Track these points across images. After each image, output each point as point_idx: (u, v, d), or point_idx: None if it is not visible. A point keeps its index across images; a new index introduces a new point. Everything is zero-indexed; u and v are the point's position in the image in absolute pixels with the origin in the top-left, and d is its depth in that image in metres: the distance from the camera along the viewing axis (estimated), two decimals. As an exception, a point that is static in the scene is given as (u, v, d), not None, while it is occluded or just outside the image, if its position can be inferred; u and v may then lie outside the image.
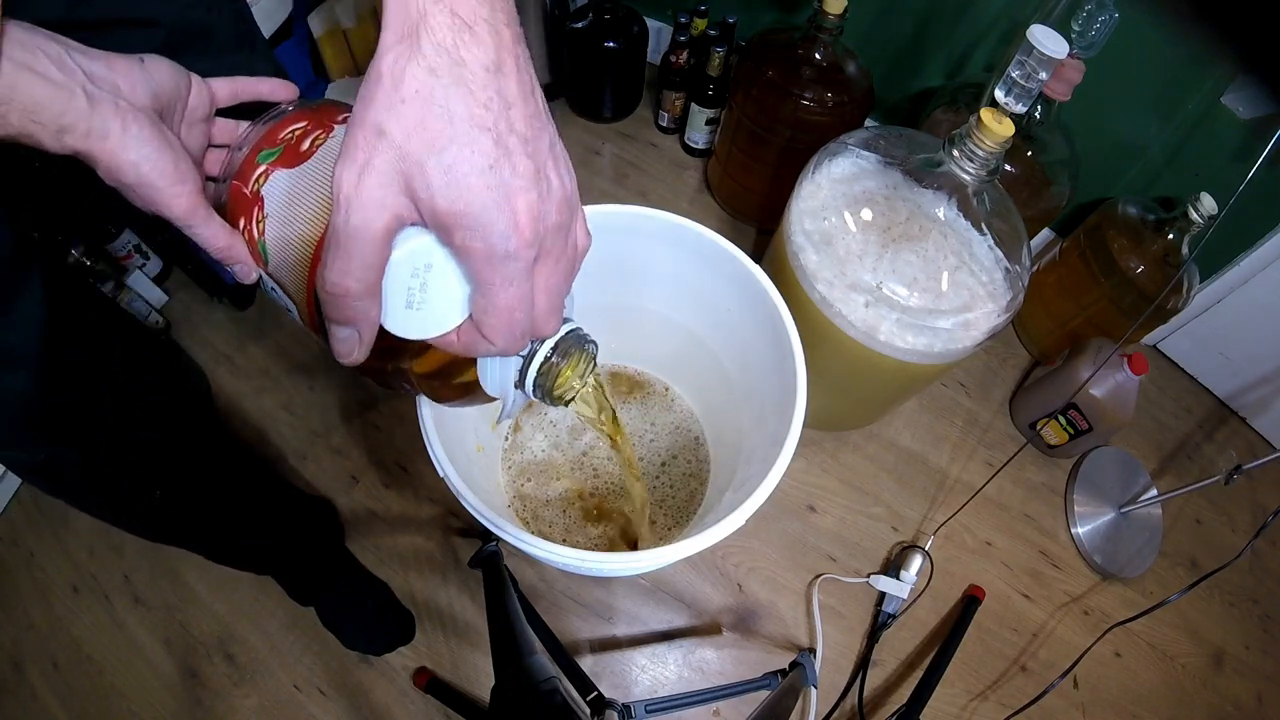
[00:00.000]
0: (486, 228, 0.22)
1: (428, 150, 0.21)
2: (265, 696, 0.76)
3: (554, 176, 0.25)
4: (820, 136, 0.78)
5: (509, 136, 0.22)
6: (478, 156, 0.22)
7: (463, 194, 0.22)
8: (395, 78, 0.21)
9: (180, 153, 0.29)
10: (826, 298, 0.69)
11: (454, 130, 0.21)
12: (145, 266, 0.97)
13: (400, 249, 0.24)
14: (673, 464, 0.79)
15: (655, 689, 0.78)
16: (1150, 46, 0.81)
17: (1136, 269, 0.87)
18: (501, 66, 0.22)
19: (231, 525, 0.65)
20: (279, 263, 0.31)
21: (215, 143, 0.35)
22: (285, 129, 0.32)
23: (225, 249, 0.31)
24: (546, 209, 0.24)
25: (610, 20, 1.07)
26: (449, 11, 0.21)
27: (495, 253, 0.23)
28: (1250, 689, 0.87)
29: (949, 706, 0.81)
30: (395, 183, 0.22)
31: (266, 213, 0.31)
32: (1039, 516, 0.94)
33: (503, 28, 0.22)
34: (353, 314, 0.24)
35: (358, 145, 0.22)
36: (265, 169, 0.31)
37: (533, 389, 0.33)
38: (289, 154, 0.31)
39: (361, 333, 0.25)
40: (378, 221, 0.22)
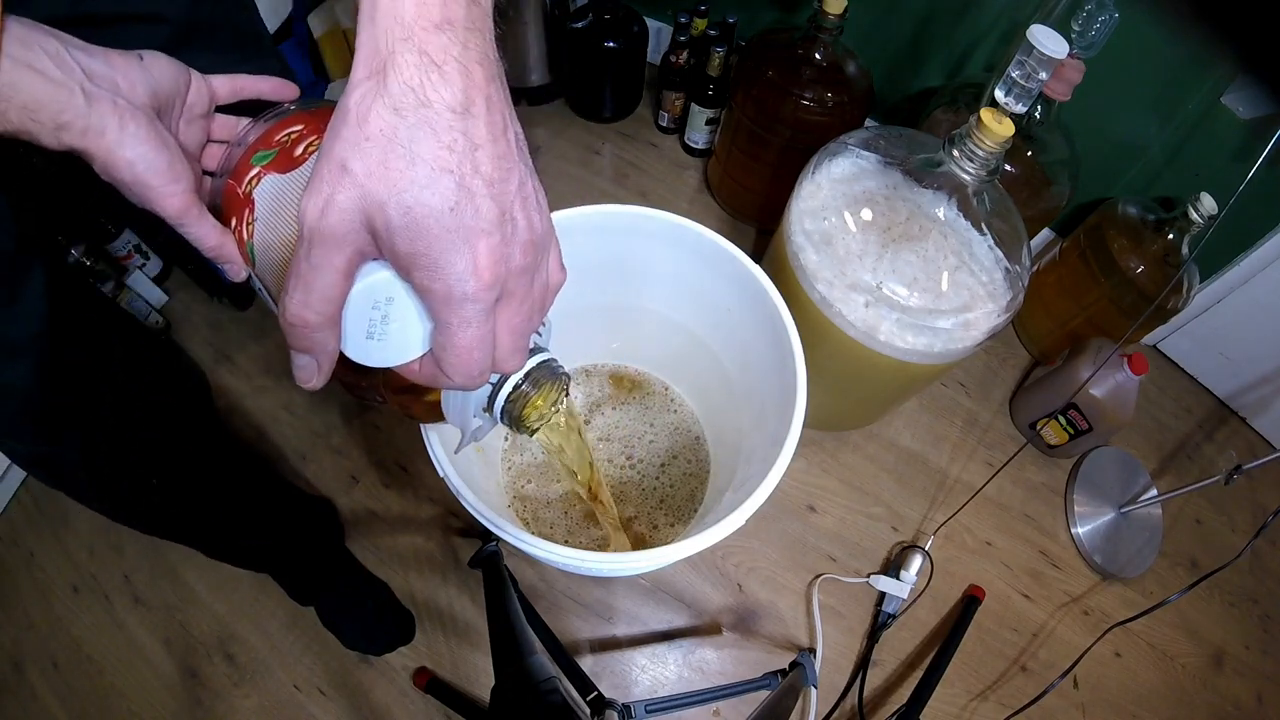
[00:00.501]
0: (445, 270, 0.22)
1: (389, 190, 0.21)
2: (265, 696, 0.76)
3: (521, 218, 0.24)
4: (820, 136, 0.78)
5: (473, 179, 0.22)
6: (438, 199, 0.21)
7: (422, 235, 0.22)
8: (361, 115, 0.21)
9: (176, 152, 0.29)
10: (826, 298, 0.69)
11: (415, 172, 0.21)
12: (145, 266, 0.97)
13: (362, 282, 0.24)
14: (673, 464, 0.79)
15: (655, 689, 0.78)
16: (1150, 46, 0.81)
17: (1136, 269, 0.87)
18: (470, 108, 0.22)
19: (231, 524, 0.65)
20: (264, 266, 0.31)
21: (214, 138, 0.35)
22: (282, 131, 0.32)
23: (216, 248, 0.31)
24: (510, 252, 0.24)
25: (610, 20, 1.07)
26: (418, 50, 0.21)
27: (453, 295, 0.23)
28: (1250, 689, 0.87)
29: (949, 706, 0.81)
30: (357, 219, 0.22)
31: (256, 216, 0.31)
32: (1039, 516, 0.94)
33: (474, 66, 0.22)
34: (310, 344, 0.25)
35: (323, 179, 0.22)
36: (259, 171, 0.31)
37: (500, 414, 0.34)
38: (282, 158, 0.31)
39: (320, 361, 0.25)
40: (339, 256, 0.22)
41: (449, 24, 0.21)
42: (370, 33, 0.21)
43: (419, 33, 0.21)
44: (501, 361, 0.27)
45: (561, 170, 1.18)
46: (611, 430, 0.80)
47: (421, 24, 0.21)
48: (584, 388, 0.83)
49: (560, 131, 1.22)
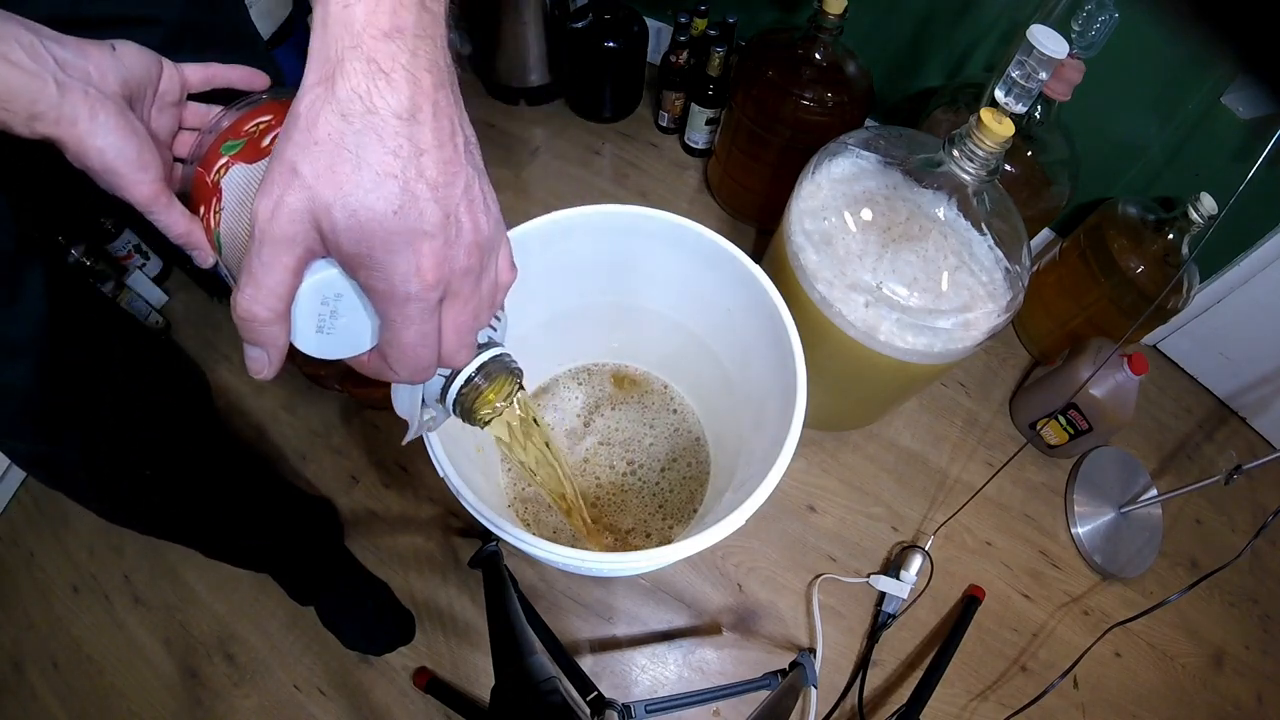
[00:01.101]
0: (389, 270, 0.23)
1: (335, 193, 0.22)
2: (265, 696, 0.76)
3: (466, 220, 0.25)
4: (820, 136, 0.78)
5: (417, 184, 0.23)
6: (383, 203, 0.22)
7: (366, 237, 0.23)
8: (310, 120, 0.22)
9: (145, 141, 0.29)
10: (826, 298, 0.69)
11: (361, 176, 0.22)
12: (145, 266, 0.97)
13: (311, 279, 0.25)
14: (673, 464, 0.79)
15: (655, 689, 0.78)
16: (1150, 46, 0.81)
17: (1136, 269, 0.87)
18: (416, 114, 0.22)
19: (231, 524, 0.65)
20: (229, 255, 0.32)
21: (186, 126, 0.36)
22: (251, 121, 0.33)
23: (183, 235, 0.32)
24: (454, 253, 0.25)
25: (610, 20, 1.07)
26: (366, 58, 0.22)
27: (397, 294, 0.24)
28: (1250, 689, 0.87)
29: (949, 706, 0.81)
30: (306, 219, 0.23)
31: (223, 205, 0.31)
32: (1039, 516, 0.94)
33: (422, 73, 0.23)
34: (261, 338, 0.25)
35: (274, 180, 0.23)
36: (227, 161, 0.32)
37: (453, 406, 0.35)
38: (249, 149, 0.32)
39: (270, 354, 0.26)
40: (288, 255, 0.23)
41: (398, 32, 0.22)
42: (322, 39, 0.22)
43: (368, 40, 0.21)
44: (448, 357, 0.28)
45: (561, 170, 1.18)
46: (611, 434, 0.80)
47: (370, 32, 0.22)
48: (585, 388, 0.83)
49: (560, 131, 1.22)
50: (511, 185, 1.15)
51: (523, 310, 0.70)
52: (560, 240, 0.63)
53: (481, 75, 1.25)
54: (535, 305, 0.70)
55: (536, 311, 0.71)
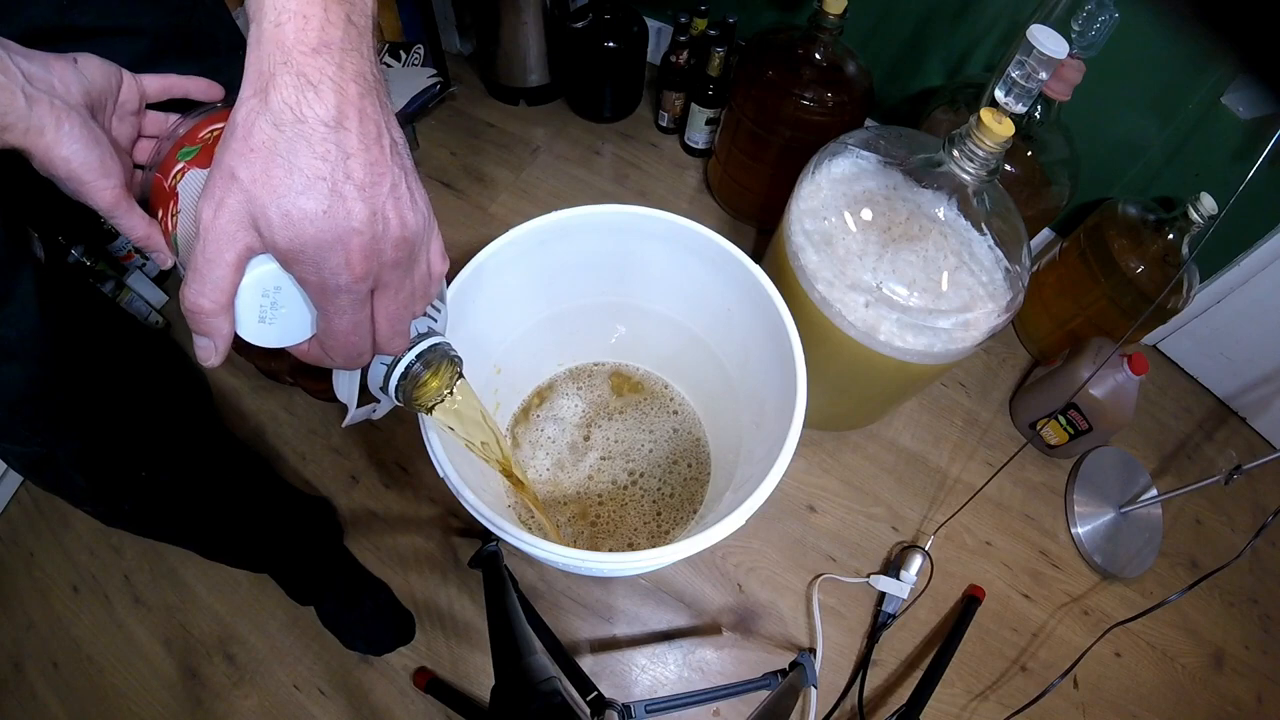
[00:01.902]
0: (319, 264, 0.25)
1: (270, 196, 0.24)
2: (265, 696, 0.76)
3: (393, 217, 0.27)
4: (820, 136, 0.78)
5: (344, 184, 0.25)
6: (313, 203, 0.24)
7: (299, 235, 0.25)
8: (246, 129, 0.24)
9: (108, 149, 0.31)
10: (826, 298, 0.69)
11: (293, 180, 0.24)
12: (145, 266, 0.97)
13: (252, 273, 0.27)
14: (673, 466, 0.79)
15: (655, 689, 0.78)
16: (1150, 46, 0.81)
17: (1136, 269, 0.87)
18: (343, 121, 0.25)
19: (229, 525, 0.65)
20: (184, 256, 0.33)
21: (145, 134, 0.37)
22: (206, 128, 0.34)
23: (143, 238, 0.34)
24: (381, 248, 0.27)
25: (610, 20, 1.07)
26: (295, 73, 0.24)
27: (328, 286, 0.26)
28: (1250, 689, 0.87)
29: (949, 706, 0.81)
30: (245, 220, 0.25)
31: (180, 208, 0.33)
32: (1039, 516, 0.94)
33: (349, 84, 0.25)
34: (207, 328, 0.27)
35: (215, 185, 0.25)
36: (183, 166, 0.34)
37: (395, 393, 0.36)
38: (204, 154, 0.33)
39: (216, 344, 0.28)
40: (229, 252, 0.25)
41: (325, 47, 0.24)
42: (256, 55, 0.24)
43: (297, 56, 0.24)
44: (384, 344, 0.31)
45: (561, 170, 1.18)
46: (611, 447, 0.79)
47: (300, 48, 0.24)
48: (583, 394, 0.83)
49: (560, 131, 1.22)
50: (511, 185, 1.15)
51: (523, 310, 0.70)
52: (560, 240, 0.63)
53: (481, 75, 1.25)
54: (535, 305, 0.70)
55: (536, 311, 0.71)
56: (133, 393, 0.51)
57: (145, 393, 0.53)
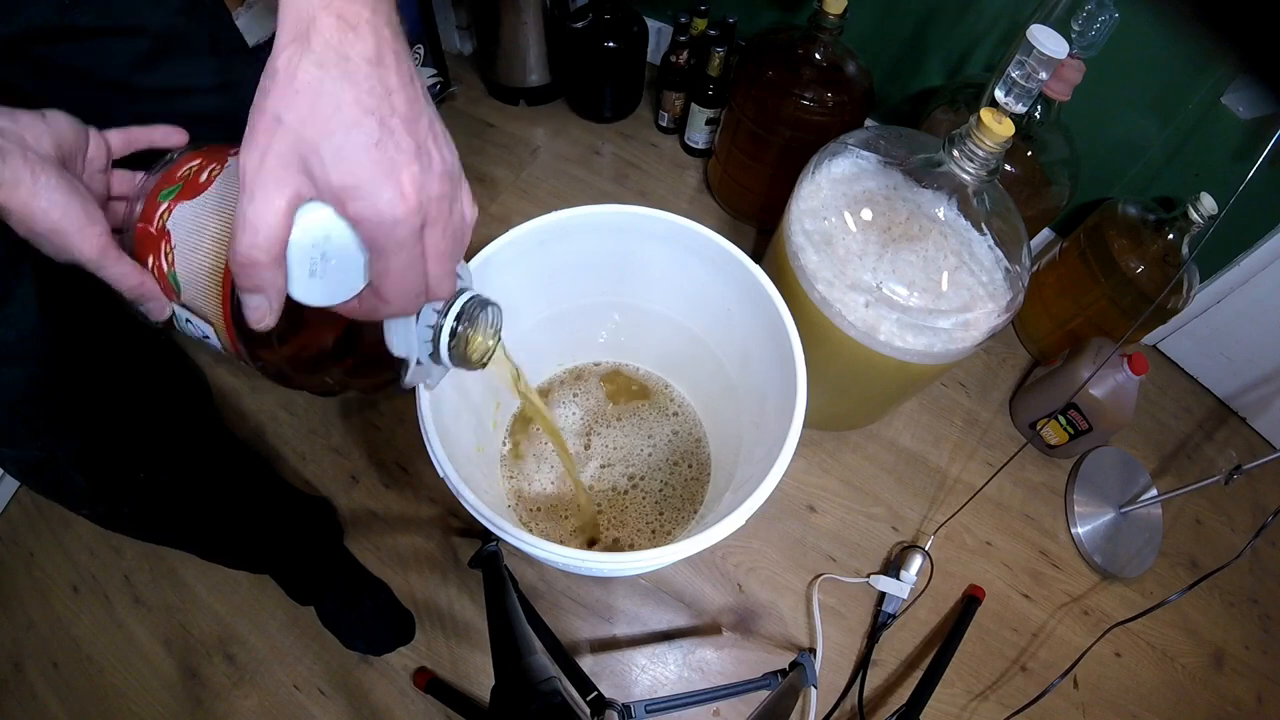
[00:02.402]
0: (375, 197, 0.25)
1: (321, 133, 0.24)
2: (265, 696, 0.76)
3: (434, 152, 0.27)
4: (820, 136, 0.78)
5: (391, 118, 0.25)
6: (364, 136, 0.25)
7: (353, 169, 0.25)
8: (289, 73, 0.24)
9: (88, 198, 0.30)
10: (826, 298, 0.69)
11: (342, 115, 0.24)
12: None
13: (301, 221, 0.26)
14: (674, 468, 0.79)
15: (655, 689, 0.78)
16: (1150, 46, 0.81)
17: (1136, 269, 0.87)
18: (382, 60, 0.25)
19: (229, 526, 0.65)
20: (192, 290, 0.33)
21: (115, 194, 0.36)
22: (181, 168, 0.34)
23: (137, 287, 0.32)
24: (428, 180, 0.27)
25: (610, 20, 1.07)
26: (335, 15, 0.24)
27: (384, 219, 0.26)
28: (1250, 689, 0.87)
29: (949, 706, 0.81)
30: (293, 163, 0.25)
31: (174, 244, 0.33)
32: (1039, 516, 0.94)
33: (383, 27, 0.25)
34: (261, 282, 0.26)
35: (259, 132, 0.24)
36: (168, 205, 0.33)
37: (449, 357, 0.36)
38: (189, 188, 0.33)
39: (270, 299, 0.27)
40: (279, 198, 0.25)
41: None
42: (293, 4, 0.25)
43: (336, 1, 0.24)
44: (434, 285, 0.30)
45: (561, 170, 1.18)
46: (611, 454, 0.79)
47: None
48: (583, 394, 0.83)
49: (560, 131, 1.22)
50: (511, 185, 1.15)
51: (523, 310, 0.70)
52: (560, 240, 0.63)
53: (481, 75, 1.25)
54: (535, 305, 0.70)
55: (536, 311, 0.71)
56: (132, 392, 0.51)
57: (145, 392, 0.53)
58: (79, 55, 0.41)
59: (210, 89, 0.48)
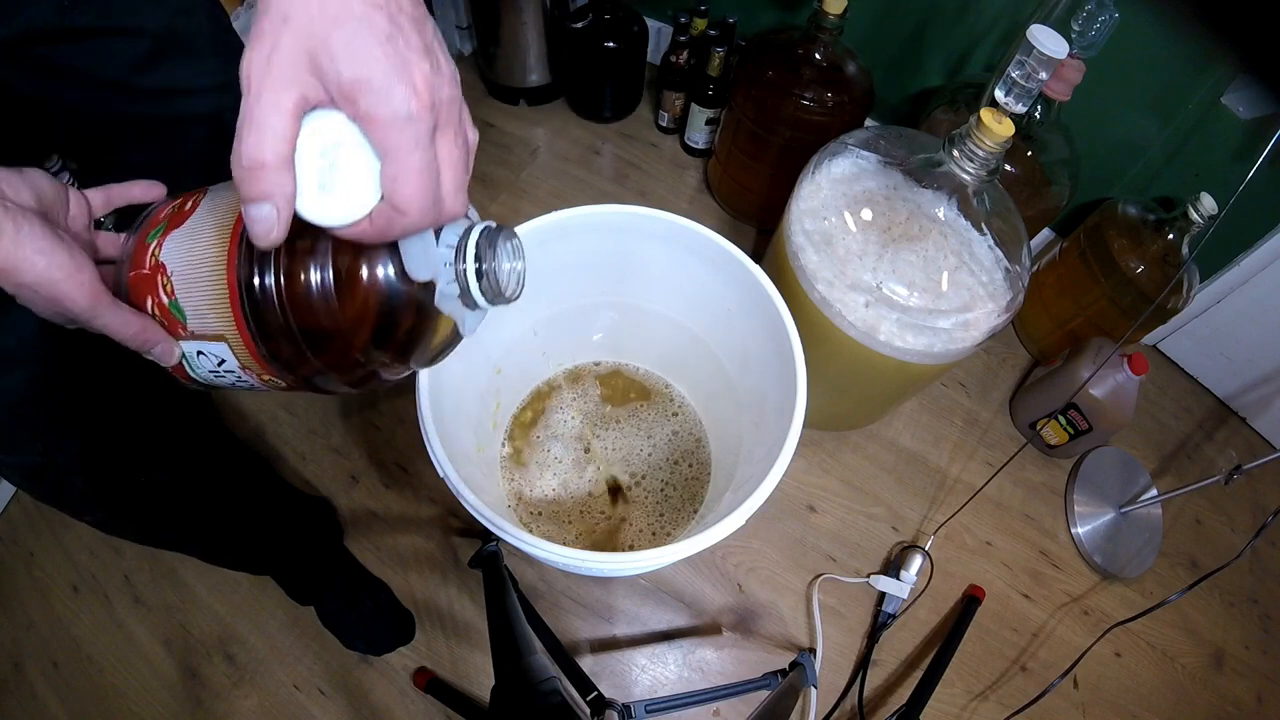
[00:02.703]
0: (388, 91, 0.25)
1: (330, 27, 0.24)
2: (265, 696, 0.76)
3: (441, 57, 0.27)
4: (820, 136, 0.78)
5: (400, 16, 0.25)
6: (375, 30, 0.24)
7: (365, 62, 0.24)
8: None
9: (74, 246, 0.29)
10: (826, 298, 0.69)
11: (351, 9, 0.24)
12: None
13: (309, 127, 0.26)
14: (674, 467, 0.79)
15: (655, 689, 0.78)
16: (1150, 46, 0.81)
17: (1136, 269, 0.87)
18: None
19: (230, 526, 0.65)
20: (197, 313, 0.31)
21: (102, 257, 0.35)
22: (164, 210, 0.33)
23: (139, 332, 0.31)
24: (439, 81, 0.27)
25: (610, 20, 1.07)
26: None
27: (398, 115, 0.25)
28: (1250, 689, 0.87)
29: (949, 706, 0.81)
30: (302, 62, 0.24)
31: (171, 272, 0.31)
32: (1039, 516, 0.94)
33: None
34: (269, 187, 0.25)
35: (264, 32, 0.24)
36: (157, 242, 0.32)
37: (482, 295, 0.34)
38: (175, 220, 0.32)
39: (279, 207, 0.26)
40: (287, 98, 0.24)
41: None
42: None
43: None
44: (449, 197, 0.29)
45: (561, 170, 1.18)
46: (610, 454, 0.79)
47: None
48: (583, 396, 0.83)
49: (560, 131, 1.22)
50: (511, 185, 1.15)
51: (523, 310, 0.70)
52: (560, 240, 0.63)
53: (481, 75, 1.25)
54: (535, 305, 0.70)
55: (536, 311, 0.71)
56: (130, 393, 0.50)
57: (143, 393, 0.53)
58: (78, 56, 0.41)
59: (209, 89, 0.48)
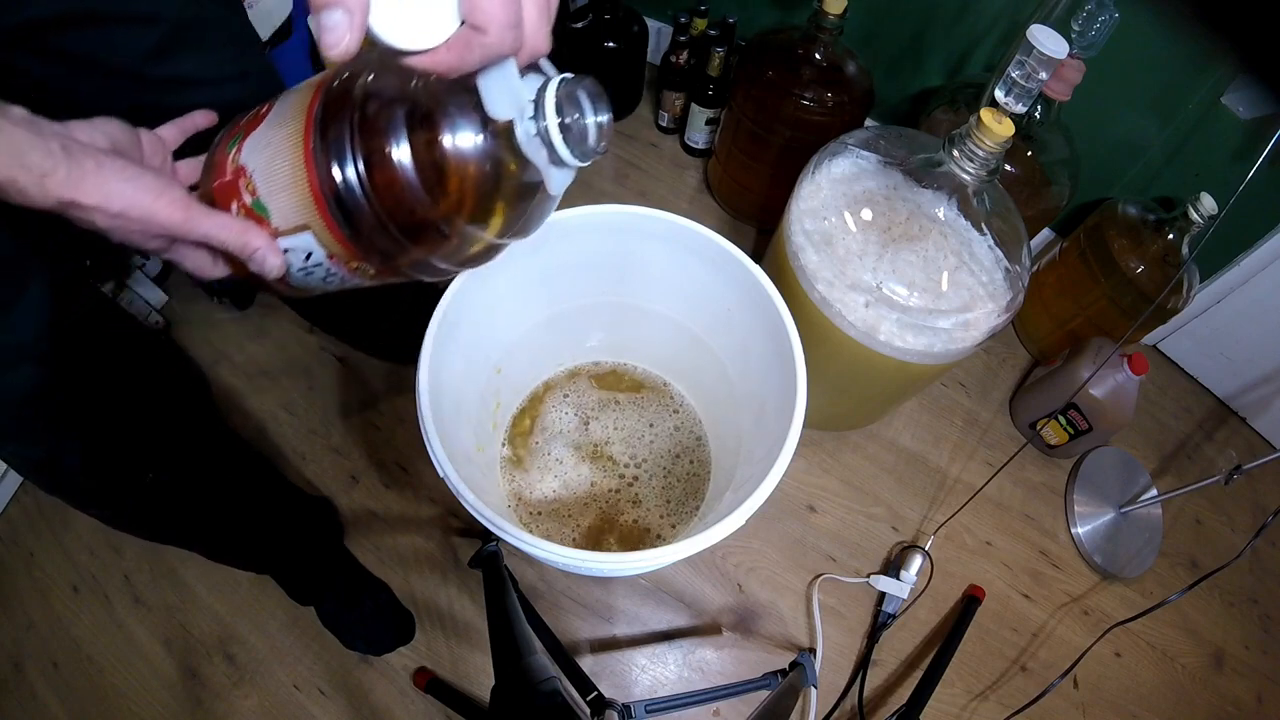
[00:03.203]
0: None
1: None
2: (265, 696, 0.76)
3: None
4: (820, 136, 0.78)
5: None
6: None
7: None
8: None
9: (156, 172, 0.30)
10: (826, 298, 0.69)
11: None
12: (145, 266, 0.97)
13: None
14: (674, 463, 0.79)
15: (655, 689, 0.78)
16: (1150, 46, 0.81)
17: (1136, 269, 0.87)
18: None
19: (233, 525, 0.65)
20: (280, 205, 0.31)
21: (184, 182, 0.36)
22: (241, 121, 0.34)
23: (240, 233, 0.31)
24: None
25: (610, 20, 1.07)
26: None
27: None
28: (1250, 689, 0.87)
29: (949, 706, 0.81)
30: None
31: (251, 172, 0.31)
32: (1039, 516, 0.94)
33: None
34: None
35: None
36: (236, 148, 0.32)
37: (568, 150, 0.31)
38: (250, 126, 0.32)
39: (351, 11, 0.24)
40: None
41: None
42: None
43: None
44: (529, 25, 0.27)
45: (561, 170, 1.18)
46: (611, 434, 0.79)
47: None
48: (583, 398, 0.83)
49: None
50: (511, 185, 1.15)
51: (523, 310, 0.70)
52: (560, 240, 0.63)
53: (481, 75, 1.25)
54: (535, 305, 0.70)
55: (536, 311, 0.71)
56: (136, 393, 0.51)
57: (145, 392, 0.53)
58: (90, 42, 0.41)
59: (224, 79, 0.47)
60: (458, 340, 0.57)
